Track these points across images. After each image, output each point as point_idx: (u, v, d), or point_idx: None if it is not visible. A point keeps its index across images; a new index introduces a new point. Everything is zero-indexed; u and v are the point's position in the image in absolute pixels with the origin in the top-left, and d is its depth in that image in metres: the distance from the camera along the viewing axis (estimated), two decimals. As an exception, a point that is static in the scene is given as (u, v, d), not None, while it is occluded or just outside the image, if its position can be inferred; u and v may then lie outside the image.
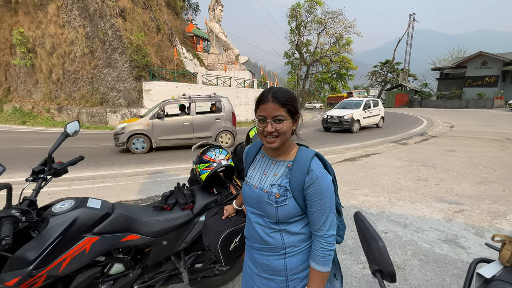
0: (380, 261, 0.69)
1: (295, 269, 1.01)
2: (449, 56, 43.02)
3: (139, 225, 1.50)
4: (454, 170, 5.18)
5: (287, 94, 0.97)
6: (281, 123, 0.94)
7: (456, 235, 2.79)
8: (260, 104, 0.97)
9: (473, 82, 29.12)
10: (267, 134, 0.96)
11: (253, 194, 1.03)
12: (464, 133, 9.89)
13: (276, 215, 0.97)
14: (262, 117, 0.96)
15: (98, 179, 4.93)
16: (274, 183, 0.99)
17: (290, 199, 0.96)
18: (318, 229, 0.96)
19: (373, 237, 0.73)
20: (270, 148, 0.99)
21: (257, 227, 1.03)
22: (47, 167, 1.45)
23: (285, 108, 0.94)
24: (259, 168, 1.08)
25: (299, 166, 0.96)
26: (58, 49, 14.87)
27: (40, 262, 1.17)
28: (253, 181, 1.06)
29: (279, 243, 1.00)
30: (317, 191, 0.93)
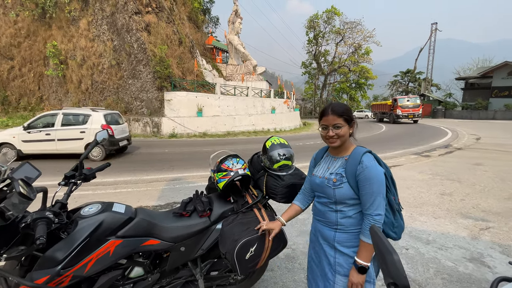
0: (395, 274, 0.69)
1: (340, 242, 1.28)
2: (474, 65, 41.23)
3: (159, 230, 1.57)
4: (480, 185, 4.91)
5: (343, 107, 1.29)
6: (339, 129, 1.25)
7: (481, 254, 2.64)
8: (323, 116, 1.30)
9: (500, 93, 27.63)
10: (329, 137, 1.27)
11: (318, 181, 1.35)
12: (491, 146, 9.37)
13: (334, 195, 1.27)
14: (324, 126, 1.29)
15: (120, 184, 5.14)
16: (333, 171, 1.30)
17: (345, 184, 1.24)
18: (367, 209, 1.20)
19: (387, 251, 0.74)
20: (333, 146, 1.32)
21: (320, 206, 1.37)
22: (77, 173, 1.57)
23: (342, 117, 1.26)
24: (324, 164, 1.40)
25: (353, 159, 1.25)
26: (88, 61, 15.87)
27: (68, 262, 1.25)
28: (319, 173, 1.37)
29: (333, 220, 1.30)
30: (366, 177, 1.19)
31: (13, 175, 1.20)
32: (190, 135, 13.98)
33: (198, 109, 14.57)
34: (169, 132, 13.61)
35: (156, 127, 13.75)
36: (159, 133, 13.63)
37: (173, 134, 13.57)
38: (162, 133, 13.58)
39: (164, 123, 13.63)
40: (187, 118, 14.17)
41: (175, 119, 13.84)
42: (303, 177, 1.79)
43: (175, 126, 13.77)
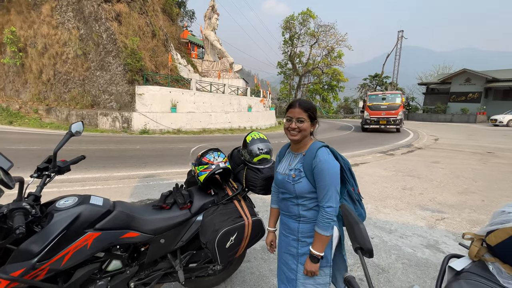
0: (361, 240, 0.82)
1: (304, 233, 1.36)
2: (435, 72, 44.76)
3: (138, 222, 1.57)
4: (437, 181, 5.42)
5: (310, 105, 1.38)
6: (302, 123, 1.32)
7: (437, 241, 2.94)
8: (290, 108, 1.37)
9: (457, 98, 30.31)
10: (291, 129, 1.33)
11: (280, 178, 1.42)
12: (447, 146, 10.30)
13: (294, 190, 1.33)
14: (289, 117, 1.36)
15: (88, 181, 4.89)
16: (293, 167, 1.37)
17: (304, 178, 1.31)
18: (320, 201, 1.27)
19: (355, 221, 0.87)
20: (292, 140, 1.38)
21: (284, 201, 1.43)
22: (51, 165, 1.51)
23: (307, 113, 1.33)
24: (285, 161, 1.45)
25: (310, 153, 1.32)
26: (50, 50, 14.70)
27: (44, 255, 1.22)
28: (280, 170, 1.44)
29: (296, 212, 1.37)
30: (320, 170, 1.25)
31: None
32: (163, 131, 13.57)
33: (172, 104, 14.19)
34: (140, 128, 13.09)
35: (126, 122, 13.15)
36: (130, 128, 13.06)
37: (144, 130, 13.08)
38: (132, 129, 13.02)
39: (135, 118, 13.08)
40: (160, 113, 13.74)
41: (147, 114, 13.35)
42: None
43: (147, 121, 13.28)
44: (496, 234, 1.07)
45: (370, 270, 2.40)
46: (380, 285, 2.22)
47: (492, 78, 27.32)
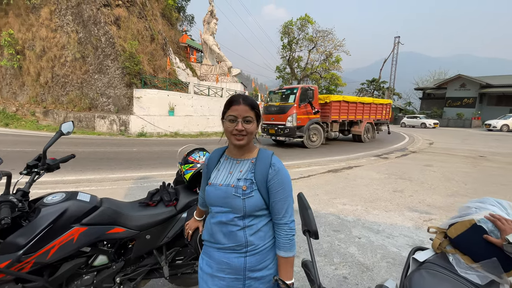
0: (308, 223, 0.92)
1: (253, 267, 1.06)
2: (431, 77, 45.25)
3: (124, 218, 1.62)
4: (428, 183, 5.50)
5: (255, 101, 1.13)
6: (250, 124, 1.08)
7: (423, 241, 3.00)
8: (232, 105, 1.09)
9: (452, 103, 30.66)
10: (237, 132, 1.06)
11: (219, 192, 1.08)
12: (441, 150, 10.42)
13: (244, 208, 1.04)
14: (233, 117, 1.07)
15: (83, 183, 4.93)
16: (241, 177, 1.08)
17: (255, 191, 1.06)
18: (282, 217, 1.06)
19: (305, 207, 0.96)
20: (238, 145, 1.09)
21: (222, 227, 1.08)
22: (41, 162, 1.57)
23: (253, 111, 1.09)
24: (224, 169, 1.15)
25: (262, 161, 1.10)
26: (48, 53, 14.79)
27: (30, 248, 1.27)
28: (218, 180, 1.12)
29: (242, 241, 1.06)
30: (279, 181, 1.06)
31: None
32: (160, 134, 13.63)
33: (170, 108, 14.27)
34: (137, 130, 13.14)
35: (124, 125, 13.20)
36: (127, 131, 13.11)
37: (142, 133, 13.13)
38: (130, 132, 13.07)
39: (133, 121, 13.13)
40: (158, 116, 13.81)
41: (145, 117, 13.41)
42: None
43: (145, 124, 13.34)
44: (456, 227, 1.14)
45: (355, 269, 2.46)
46: (364, 282, 2.27)
47: (486, 84, 27.70)
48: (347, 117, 12.20)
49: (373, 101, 13.73)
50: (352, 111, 12.42)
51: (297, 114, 10.08)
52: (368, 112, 13.30)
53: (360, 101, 12.85)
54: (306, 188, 4.99)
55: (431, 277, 1.08)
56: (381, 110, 14.29)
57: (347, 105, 12.05)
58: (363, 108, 12.92)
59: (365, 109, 13.05)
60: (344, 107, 11.92)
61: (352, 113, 12.42)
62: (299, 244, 2.73)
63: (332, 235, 3.10)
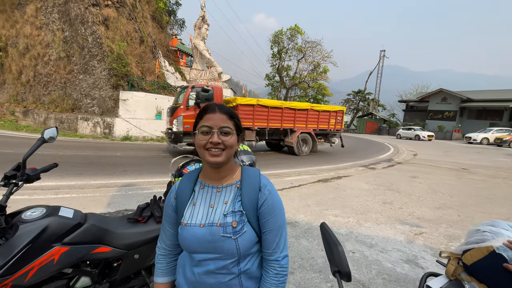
0: (339, 263, 0.81)
1: None
2: (414, 90, 47.09)
3: (111, 237, 1.48)
4: (416, 195, 5.58)
5: (233, 110, 0.93)
6: (228, 136, 0.86)
7: (416, 256, 2.99)
8: (205, 114, 0.88)
9: (434, 115, 31.91)
10: (212, 146, 0.84)
11: (200, 235, 0.83)
12: (425, 161, 10.71)
13: (238, 250, 0.83)
14: (207, 128, 0.85)
15: (63, 189, 4.64)
16: (227, 211, 0.85)
17: (247, 225, 0.85)
18: (272, 253, 0.87)
19: (334, 243, 0.85)
20: (214, 162, 0.85)
21: (209, 278, 0.84)
22: (19, 173, 1.41)
23: (232, 121, 0.89)
24: (202, 202, 0.90)
25: (250, 184, 0.89)
26: (32, 51, 14.20)
27: (6, 269, 1.12)
28: (197, 220, 0.86)
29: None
30: (270, 208, 0.88)
31: None
32: (146, 138, 13.26)
33: (157, 111, 13.96)
34: (122, 134, 12.73)
35: (108, 128, 12.76)
36: (111, 134, 12.67)
37: (127, 136, 12.72)
38: (114, 135, 12.64)
39: (118, 124, 12.72)
40: (144, 120, 13.46)
41: (130, 120, 13.03)
42: None
43: (130, 128, 12.95)
44: (472, 253, 1.09)
45: (351, 286, 2.39)
46: (360, 301, 2.20)
47: (467, 98, 29.06)
48: (267, 124, 9.96)
49: (312, 107, 11.18)
50: (276, 118, 10.20)
51: (185, 118, 8.30)
52: (304, 120, 10.89)
53: (288, 106, 10.41)
54: (298, 198, 4.93)
55: (448, 307, 1.02)
56: (327, 118, 11.59)
57: (266, 110, 9.84)
58: (295, 115, 10.59)
59: (299, 117, 10.71)
60: (262, 113, 9.78)
61: (276, 121, 10.20)
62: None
63: (325, 250, 3.03)
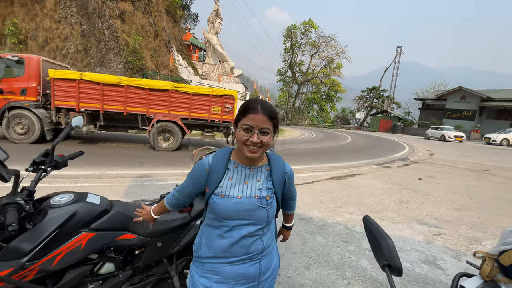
0: (389, 257, 0.78)
1: (266, 269, 1.09)
2: (431, 88, 45.63)
3: (135, 224, 1.50)
4: (433, 195, 5.42)
5: (274, 109, 1.02)
6: (267, 136, 0.98)
7: (435, 257, 2.91)
8: (249, 114, 0.97)
9: (452, 114, 30.85)
10: (252, 144, 0.96)
11: (240, 205, 1.00)
12: (442, 161, 10.39)
13: (267, 217, 1.05)
14: (249, 127, 0.96)
15: (81, 178, 4.78)
16: (261, 187, 1.05)
17: (274, 199, 1.08)
18: (295, 195, 1.32)
19: (382, 237, 0.82)
20: (252, 157, 1.00)
21: (242, 241, 1.02)
22: (48, 159, 1.45)
23: (271, 121, 0.99)
24: (237, 179, 1.05)
25: (277, 168, 1.11)
26: (51, 44, 14.58)
27: (34, 254, 1.15)
28: (234, 192, 1.02)
29: (260, 248, 1.06)
30: (291, 181, 1.21)
31: None
32: (160, 131, 13.45)
33: (171, 105, 14.10)
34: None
35: (124, 120, 13.01)
36: (127, 127, 12.92)
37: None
38: (129, 128, 12.87)
39: (133, 117, 12.94)
40: (158, 114, 13.63)
41: (145, 114, 13.22)
42: None
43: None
44: (510, 254, 1.04)
45: (369, 284, 2.35)
46: (379, 300, 2.16)
47: (487, 97, 27.90)
48: (101, 106, 7.80)
49: (177, 88, 8.33)
50: (116, 99, 7.88)
51: None
52: (165, 104, 8.22)
53: (135, 84, 7.93)
54: (311, 194, 4.89)
55: (485, 309, 0.98)
56: (206, 104, 8.57)
57: (98, 88, 7.68)
58: (148, 97, 8.03)
59: (156, 99, 8.14)
60: (91, 91, 7.69)
61: (116, 102, 7.90)
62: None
63: (342, 246, 2.99)
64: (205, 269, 1.06)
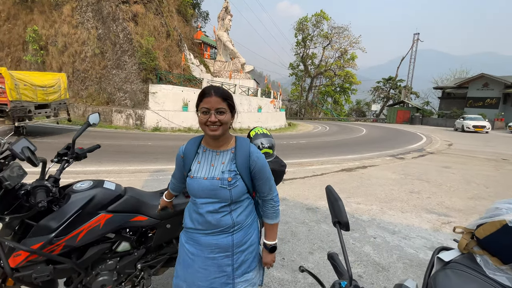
0: (339, 214, 0.91)
1: (239, 243, 1.20)
2: (452, 76, 43.56)
3: (147, 207, 1.68)
4: (447, 185, 5.33)
5: (227, 91, 1.17)
6: (223, 115, 1.11)
7: (441, 244, 2.93)
8: (204, 98, 1.13)
9: (474, 103, 29.41)
10: (211, 123, 1.11)
11: (204, 185, 1.14)
12: (461, 152, 10.05)
13: (230, 197, 1.14)
14: (206, 109, 1.11)
15: (102, 174, 5.11)
16: (224, 169, 1.15)
17: (240, 180, 1.16)
18: (267, 194, 1.24)
19: (335, 198, 0.96)
20: (213, 135, 1.14)
21: (209, 216, 1.16)
22: (70, 151, 1.65)
23: (225, 102, 1.13)
24: (205, 161, 1.20)
25: (242, 151, 1.18)
26: (70, 48, 15.30)
27: (61, 231, 1.34)
28: (201, 173, 1.17)
29: (229, 223, 1.17)
30: (260, 167, 1.19)
31: (13, 147, 1.27)
32: (174, 129, 13.86)
33: (184, 103, 14.47)
34: (152, 125, 13.42)
35: (140, 119, 13.52)
36: (142, 126, 13.42)
37: (156, 127, 13.40)
38: (145, 126, 13.37)
39: (148, 116, 13.43)
40: (172, 112, 14.04)
41: (160, 112, 13.67)
42: (282, 165, 1.95)
43: (159, 119, 13.60)
44: (485, 228, 1.11)
45: (370, 268, 2.43)
46: (379, 282, 2.25)
47: (511, 84, 26.35)
48: None
49: None
50: None
51: None
52: None
53: None
54: (319, 186, 4.96)
55: (457, 277, 1.05)
56: None
57: None
58: None
59: None
60: None
61: None
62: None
63: (346, 234, 3.07)
64: (188, 237, 1.25)
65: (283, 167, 1.95)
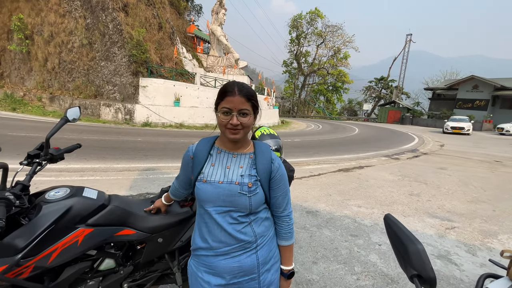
0: (419, 265, 0.64)
1: (264, 260, 1.02)
2: (442, 77, 44.35)
3: (135, 219, 1.44)
4: (445, 188, 5.26)
5: (252, 90, 1.01)
6: (246, 117, 0.97)
7: (448, 252, 2.80)
8: (226, 96, 0.97)
9: (463, 104, 29.99)
10: (232, 126, 0.96)
11: (220, 190, 0.97)
12: (454, 153, 10.11)
13: (250, 206, 0.97)
14: (227, 109, 0.96)
15: (87, 171, 4.78)
16: (244, 173, 1.00)
17: (259, 188, 1.00)
18: (283, 210, 1.07)
19: (410, 240, 0.68)
20: (233, 139, 0.99)
21: (227, 227, 0.98)
22: (43, 152, 1.38)
23: (250, 102, 0.98)
24: (219, 164, 1.03)
25: (263, 156, 1.03)
26: (56, 38, 14.59)
27: (29, 251, 1.09)
28: (216, 177, 1.00)
29: (251, 236, 1.00)
30: (280, 177, 1.04)
31: None
32: (165, 125, 13.46)
33: (176, 98, 14.07)
34: (142, 120, 12.99)
35: (129, 114, 13.05)
36: (132, 120, 12.97)
37: (146, 122, 12.97)
38: (135, 121, 12.92)
39: (138, 110, 12.98)
40: (163, 107, 13.63)
41: (150, 107, 13.24)
42: (291, 169, 1.74)
43: (150, 114, 13.18)
44: (543, 255, 0.93)
45: (379, 280, 2.27)
46: (390, 296, 2.08)
47: (500, 86, 26.96)
48: None
49: None
50: None
51: None
52: None
53: None
54: (318, 187, 4.79)
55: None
56: None
57: None
58: None
59: None
60: None
61: None
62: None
63: (350, 240, 2.91)
64: (200, 263, 1.04)
65: (291, 172, 1.74)
